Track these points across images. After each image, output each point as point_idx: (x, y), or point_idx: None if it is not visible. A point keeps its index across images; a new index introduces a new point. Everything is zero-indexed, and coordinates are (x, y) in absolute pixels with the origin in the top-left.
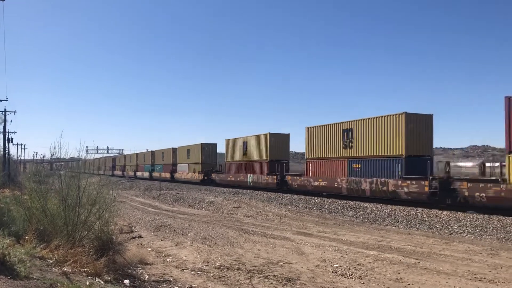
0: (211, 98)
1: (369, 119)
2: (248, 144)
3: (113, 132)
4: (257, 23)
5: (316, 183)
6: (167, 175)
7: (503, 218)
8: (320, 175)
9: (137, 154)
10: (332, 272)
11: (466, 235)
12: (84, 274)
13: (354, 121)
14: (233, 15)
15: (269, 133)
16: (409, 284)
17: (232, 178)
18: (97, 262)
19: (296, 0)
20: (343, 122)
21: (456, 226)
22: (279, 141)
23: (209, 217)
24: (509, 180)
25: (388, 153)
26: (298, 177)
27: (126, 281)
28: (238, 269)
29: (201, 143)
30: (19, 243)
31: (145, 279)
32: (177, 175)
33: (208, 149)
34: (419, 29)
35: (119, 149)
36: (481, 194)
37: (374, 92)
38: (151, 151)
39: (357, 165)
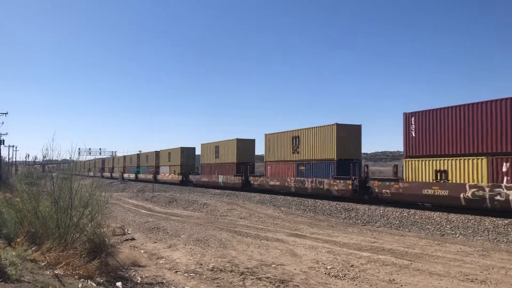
0: (208, 99)
1: (311, 128)
2: (220, 148)
3: (106, 133)
4: (251, 25)
5: (272, 182)
6: (151, 176)
7: (495, 219)
8: (275, 176)
9: (124, 156)
10: (325, 273)
11: (458, 236)
12: (76, 276)
13: (300, 129)
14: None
15: (236, 138)
16: (401, 285)
17: (206, 179)
18: (90, 264)
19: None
20: (292, 130)
21: (448, 227)
22: (245, 146)
23: (202, 219)
24: (406, 179)
25: (325, 157)
26: (258, 178)
27: (119, 284)
28: (231, 271)
29: (181, 147)
30: (10, 246)
31: (138, 281)
32: (159, 177)
33: (187, 153)
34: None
35: (112, 151)
36: (386, 191)
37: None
38: (137, 154)
39: (302, 167)
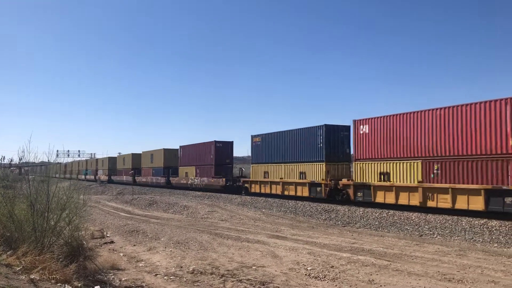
0: (192, 101)
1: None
2: (154, 155)
3: (85, 135)
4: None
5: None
6: (129, 178)
7: (471, 219)
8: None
9: (96, 159)
10: (306, 274)
11: (436, 237)
12: (53, 281)
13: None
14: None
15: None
16: (381, 285)
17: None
18: (67, 268)
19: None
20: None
21: (426, 227)
22: (171, 153)
23: (183, 221)
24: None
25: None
26: (175, 177)
27: (97, 287)
28: (211, 274)
29: (163, 148)
30: None
31: (117, 284)
32: (138, 179)
33: (169, 154)
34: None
35: (91, 153)
36: None
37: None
38: (132, 153)
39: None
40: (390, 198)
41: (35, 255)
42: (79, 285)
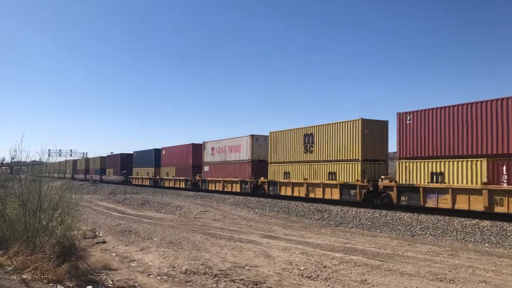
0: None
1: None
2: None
3: (78, 134)
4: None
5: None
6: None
7: (463, 219)
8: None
9: (87, 159)
10: (298, 274)
11: (428, 237)
12: (45, 281)
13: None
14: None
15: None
16: (373, 285)
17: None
18: (59, 268)
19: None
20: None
21: (418, 228)
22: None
23: (176, 221)
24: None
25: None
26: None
27: (89, 287)
28: (204, 274)
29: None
30: None
31: (109, 285)
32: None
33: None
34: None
35: (83, 152)
36: None
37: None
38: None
39: None
40: (445, 203)
41: (26, 255)
42: (71, 285)
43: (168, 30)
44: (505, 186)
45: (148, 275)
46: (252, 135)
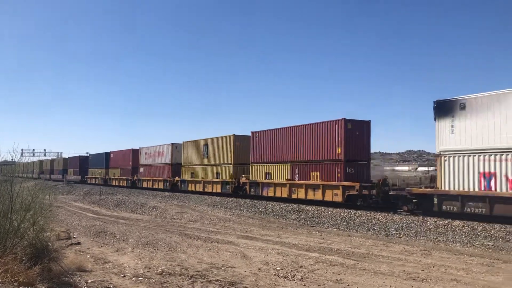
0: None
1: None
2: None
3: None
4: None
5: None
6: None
7: (436, 219)
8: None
9: (52, 160)
10: (275, 275)
11: (402, 236)
12: (15, 284)
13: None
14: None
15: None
16: (348, 285)
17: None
18: (30, 270)
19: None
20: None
21: (393, 227)
22: (137, 154)
23: (152, 222)
24: (250, 178)
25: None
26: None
27: None
28: (180, 275)
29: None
30: None
31: (83, 286)
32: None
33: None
34: (352, 32)
35: (58, 152)
36: None
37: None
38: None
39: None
40: (271, 192)
41: None
42: (43, 287)
43: (149, 29)
44: (296, 181)
45: (123, 276)
46: (172, 144)
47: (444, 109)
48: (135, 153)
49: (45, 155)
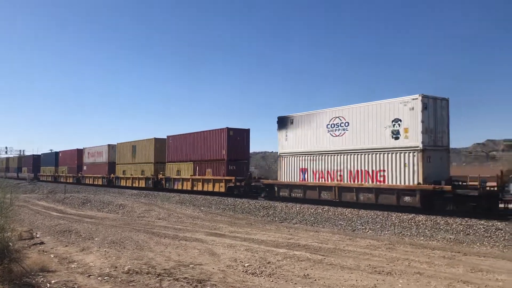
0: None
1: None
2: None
3: (15, 131)
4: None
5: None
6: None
7: (400, 214)
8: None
9: (8, 158)
10: (243, 271)
11: (367, 231)
12: None
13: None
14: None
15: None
16: (315, 279)
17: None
18: None
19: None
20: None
21: (359, 222)
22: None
23: (118, 220)
24: (166, 174)
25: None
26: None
27: None
28: (147, 273)
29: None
30: None
31: (46, 287)
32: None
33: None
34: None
35: (20, 150)
36: None
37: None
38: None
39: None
40: (180, 186)
41: None
42: None
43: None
44: (196, 176)
45: (89, 276)
46: (109, 145)
47: (282, 123)
48: (80, 152)
49: (6, 152)
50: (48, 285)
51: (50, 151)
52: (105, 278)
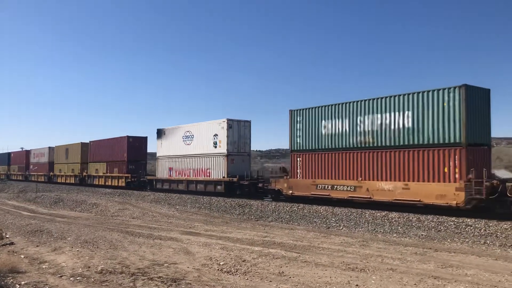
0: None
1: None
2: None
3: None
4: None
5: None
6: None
7: (374, 212)
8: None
9: None
10: (218, 270)
11: (342, 229)
12: None
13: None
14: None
15: (26, 150)
16: (290, 277)
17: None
18: None
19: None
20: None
21: (333, 220)
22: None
23: (92, 219)
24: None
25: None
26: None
27: None
28: (121, 273)
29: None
30: None
31: None
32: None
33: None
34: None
35: None
36: None
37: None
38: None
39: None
40: (97, 182)
41: None
42: None
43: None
44: (107, 173)
45: (61, 276)
46: (49, 147)
47: (159, 133)
48: (27, 153)
49: None
50: (18, 286)
51: (21, 149)
52: (78, 278)
